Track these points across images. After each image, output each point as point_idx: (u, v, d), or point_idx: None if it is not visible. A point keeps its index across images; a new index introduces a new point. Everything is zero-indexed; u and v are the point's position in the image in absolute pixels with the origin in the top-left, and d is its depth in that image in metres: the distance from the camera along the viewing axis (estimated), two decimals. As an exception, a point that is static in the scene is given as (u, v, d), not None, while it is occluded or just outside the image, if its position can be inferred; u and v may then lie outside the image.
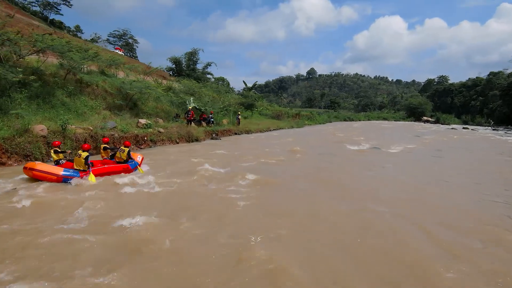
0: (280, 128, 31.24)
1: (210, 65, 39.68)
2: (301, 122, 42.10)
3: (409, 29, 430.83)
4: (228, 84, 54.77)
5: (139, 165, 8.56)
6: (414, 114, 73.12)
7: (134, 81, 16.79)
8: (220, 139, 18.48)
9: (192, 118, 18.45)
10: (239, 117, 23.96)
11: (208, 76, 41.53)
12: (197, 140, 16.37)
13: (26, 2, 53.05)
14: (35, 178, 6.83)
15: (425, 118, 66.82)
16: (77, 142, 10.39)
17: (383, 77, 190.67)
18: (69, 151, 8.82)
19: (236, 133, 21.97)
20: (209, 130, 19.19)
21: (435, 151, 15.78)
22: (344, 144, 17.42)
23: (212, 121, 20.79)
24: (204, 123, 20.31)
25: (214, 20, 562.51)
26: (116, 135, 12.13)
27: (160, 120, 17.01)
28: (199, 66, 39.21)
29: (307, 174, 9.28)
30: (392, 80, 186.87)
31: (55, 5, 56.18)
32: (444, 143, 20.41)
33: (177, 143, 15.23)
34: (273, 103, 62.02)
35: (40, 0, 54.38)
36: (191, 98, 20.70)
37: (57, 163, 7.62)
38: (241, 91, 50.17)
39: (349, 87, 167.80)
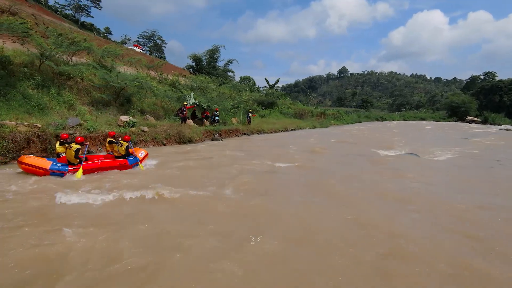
0: (300, 128, 27.85)
1: (231, 63, 37.63)
2: (326, 121, 38.20)
3: (450, 24, 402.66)
4: (254, 83, 52.31)
5: (141, 162, 8.06)
6: (456, 113, 65.43)
7: (119, 72, 14.49)
8: (222, 140, 15.70)
9: (189, 115, 15.82)
10: (250, 115, 21.07)
11: (229, 73, 39.36)
12: (190, 141, 13.72)
13: (60, 7, 54.65)
14: (26, 171, 6.53)
15: (469, 117, 59.34)
16: (14, 142, 8.09)
17: (421, 75, 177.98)
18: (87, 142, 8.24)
19: (245, 133, 19.10)
20: (211, 129, 16.49)
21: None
22: (374, 151, 13.91)
23: (217, 120, 18.12)
24: (207, 122, 17.70)
25: (244, 21, 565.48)
26: (78, 133, 9.78)
27: (151, 118, 14.58)
28: (220, 64, 37.11)
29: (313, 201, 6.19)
30: (431, 78, 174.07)
31: (85, 8, 57.54)
32: (507, 149, 16.02)
33: (164, 144, 12.67)
34: (297, 101, 58.20)
35: (72, 3, 55.76)
36: (192, 93, 18.07)
37: (58, 156, 7.31)
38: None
39: (383, 86, 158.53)
